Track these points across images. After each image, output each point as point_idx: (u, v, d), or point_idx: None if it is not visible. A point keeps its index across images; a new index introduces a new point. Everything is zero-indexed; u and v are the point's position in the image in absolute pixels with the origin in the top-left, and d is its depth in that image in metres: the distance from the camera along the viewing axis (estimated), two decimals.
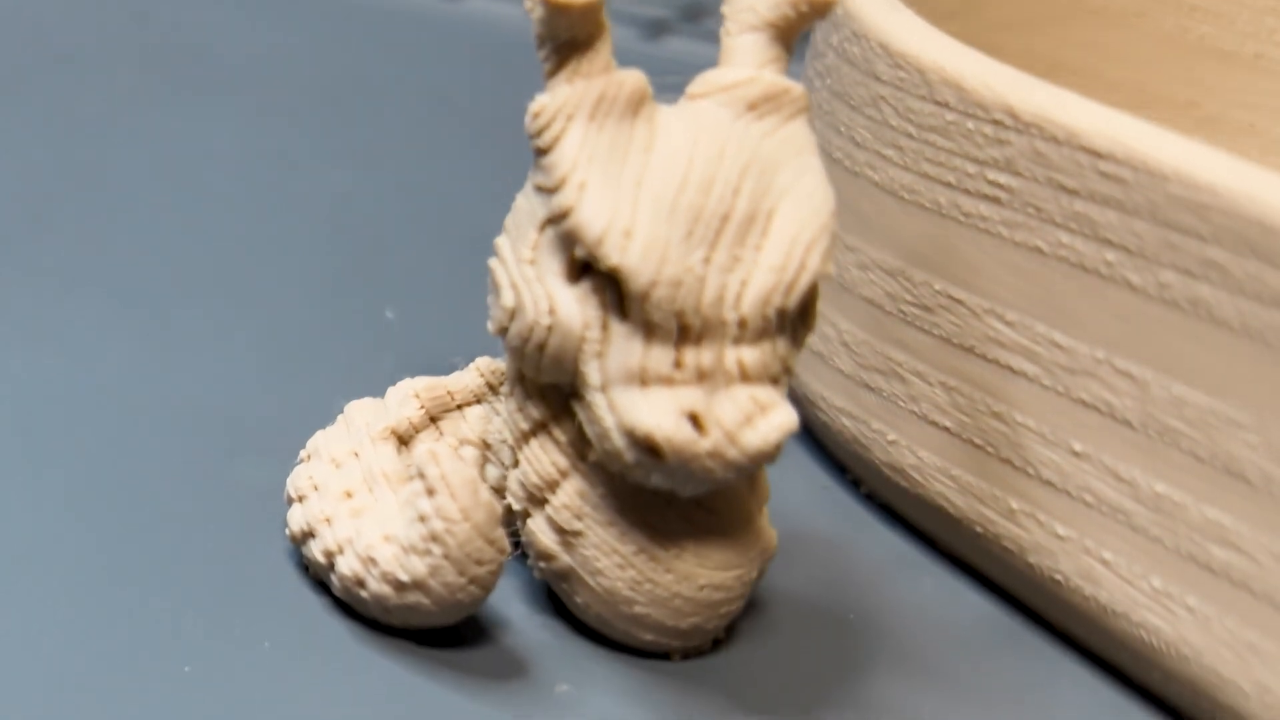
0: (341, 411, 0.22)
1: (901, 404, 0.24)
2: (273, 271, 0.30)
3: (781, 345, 0.19)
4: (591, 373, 0.19)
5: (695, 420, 0.18)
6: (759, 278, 0.19)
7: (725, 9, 0.21)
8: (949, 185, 0.23)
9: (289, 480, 0.22)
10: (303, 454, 0.22)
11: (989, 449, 0.23)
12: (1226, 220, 0.19)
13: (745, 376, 0.19)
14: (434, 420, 0.22)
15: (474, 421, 0.22)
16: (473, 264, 0.30)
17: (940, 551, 0.24)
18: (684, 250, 0.18)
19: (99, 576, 0.21)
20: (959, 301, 0.23)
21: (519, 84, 0.39)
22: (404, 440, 0.22)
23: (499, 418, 0.22)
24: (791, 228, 0.19)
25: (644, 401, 0.18)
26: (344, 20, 0.43)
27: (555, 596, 0.21)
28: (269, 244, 0.31)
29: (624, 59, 0.20)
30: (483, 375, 0.22)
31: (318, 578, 0.21)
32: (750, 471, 0.19)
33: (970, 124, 0.22)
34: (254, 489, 0.23)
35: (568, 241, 0.19)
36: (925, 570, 0.24)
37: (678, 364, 0.18)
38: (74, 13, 0.41)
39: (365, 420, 0.22)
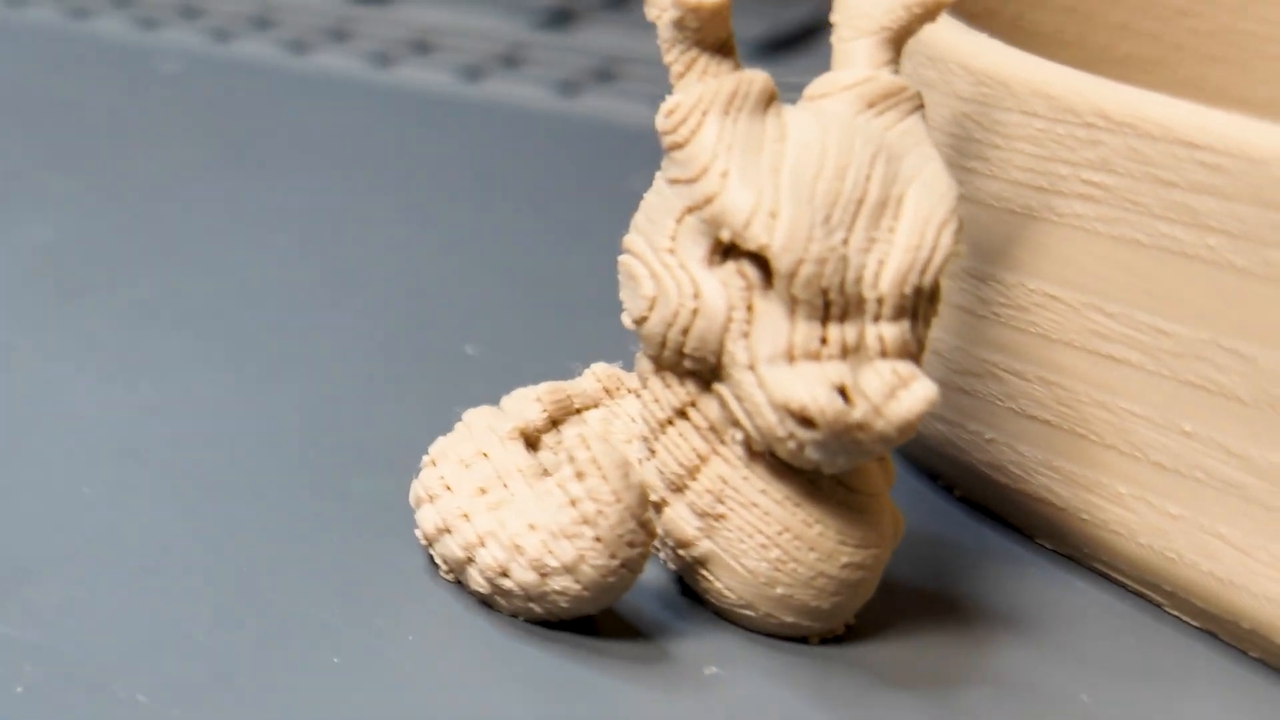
0: (459, 419, 0.22)
1: (999, 403, 0.24)
2: (353, 310, 0.30)
3: (918, 325, 0.19)
4: (739, 352, 0.19)
5: (843, 392, 0.18)
6: (896, 257, 0.19)
7: (836, 16, 0.21)
8: (1040, 189, 0.23)
9: (415, 484, 0.21)
10: (426, 459, 0.22)
11: (1093, 437, 0.23)
12: None
13: (885, 352, 0.19)
14: (555, 424, 0.22)
15: (594, 424, 0.22)
16: (537, 302, 0.30)
17: (1044, 547, 0.24)
18: (824, 232, 0.18)
19: (237, 582, 0.20)
20: (1055, 298, 0.23)
21: (533, 158, 0.40)
22: (530, 441, 0.22)
23: (618, 421, 0.22)
24: (923, 210, 0.19)
25: (794, 375, 0.18)
26: (368, 100, 0.43)
27: (688, 590, 0.21)
28: (347, 292, 0.31)
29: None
30: (600, 380, 0.22)
31: (453, 577, 0.21)
32: (896, 442, 0.19)
33: (1061, 129, 0.22)
34: (373, 502, 0.23)
35: (711, 227, 0.19)
36: (1030, 562, 0.23)
37: (823, 340, 0.18)
38: (126, 94, 0.41)
39: (487, 424, 0.22)
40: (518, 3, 0.53)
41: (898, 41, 0.20)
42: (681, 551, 0.20)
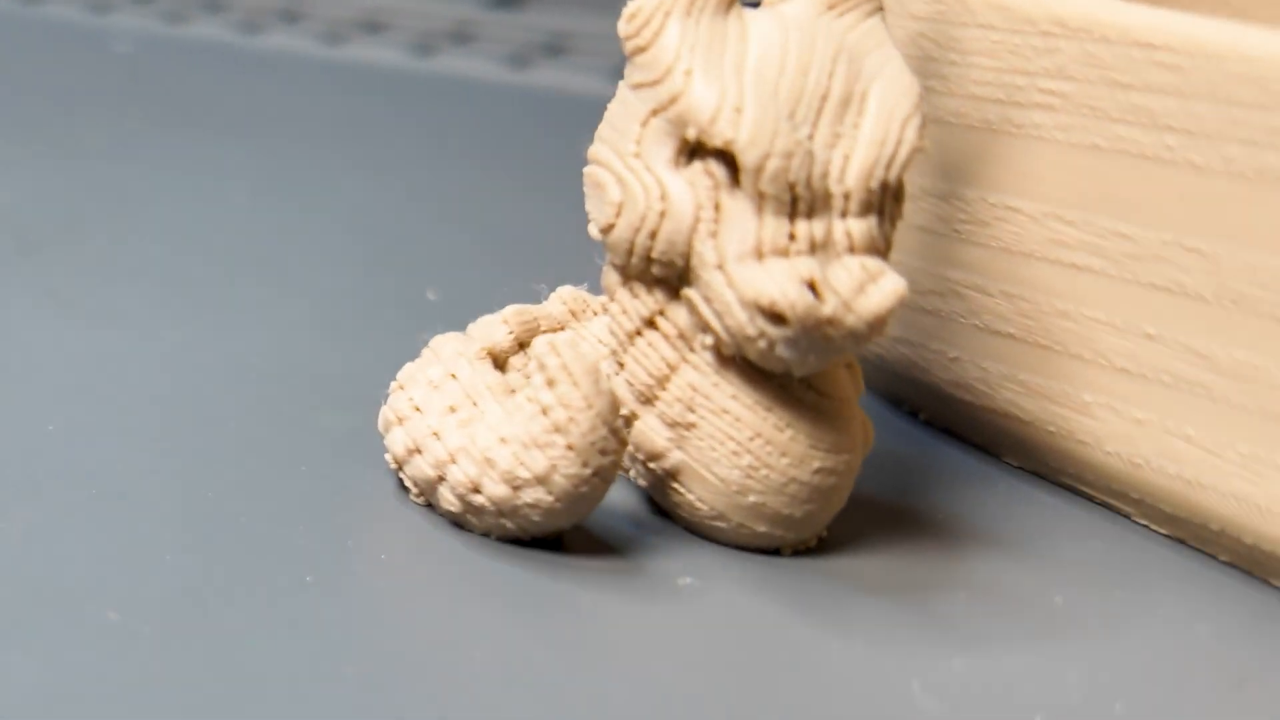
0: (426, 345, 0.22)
1: (962, 320, 0.24)
2: (312, 264, 0.29)
3: (883, 223, 0.19)
4: (707, 251, 0.19)
5: (813, 288, 0.18)
6: (862, 152, 0.19)
7: None
8: (998, 102, 0.23)
9: (384, 409, 0.21)
10: (394, 385, 0.21)
11: (1057, 348, 0.22)
12: None
13: (853, 248, 0.19)
14: (522, 346, 0.21)
15: None
16: (494, 250, 0.30)
17: (1010, 465, 0.24)
18: (790, 127, 0.18)
19: (207, 509, 0.20)
20: (1016, 210, 0.23)
21: (485, 128, 0.40)
22: (498, 362, 0.21)
23: (585, 343, 0.21)
24: (887, 106, 0.19)
25: (763, 272, 0.18)
26: (321, 77, 0.43)
27: (659, 509, 0.21)
28: (306, 247, 0.30)
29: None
30: (565, 303, 0.22)
31: (424, 500, 0.20)
32: (866, 339, 0.18)
33: (1018, 40, 0.22)
34: (341, 434, 0.22)
35: (676, 127, 0.19)
36: (998, 479, 0.23)
37: (791, 236, 0.18)
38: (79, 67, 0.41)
39: (454, 349, 0.21)
40: None
41: None
42: (652, 464, 0.20)
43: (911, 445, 0.24)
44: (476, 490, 0.19)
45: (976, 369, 0.23)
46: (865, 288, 0.18)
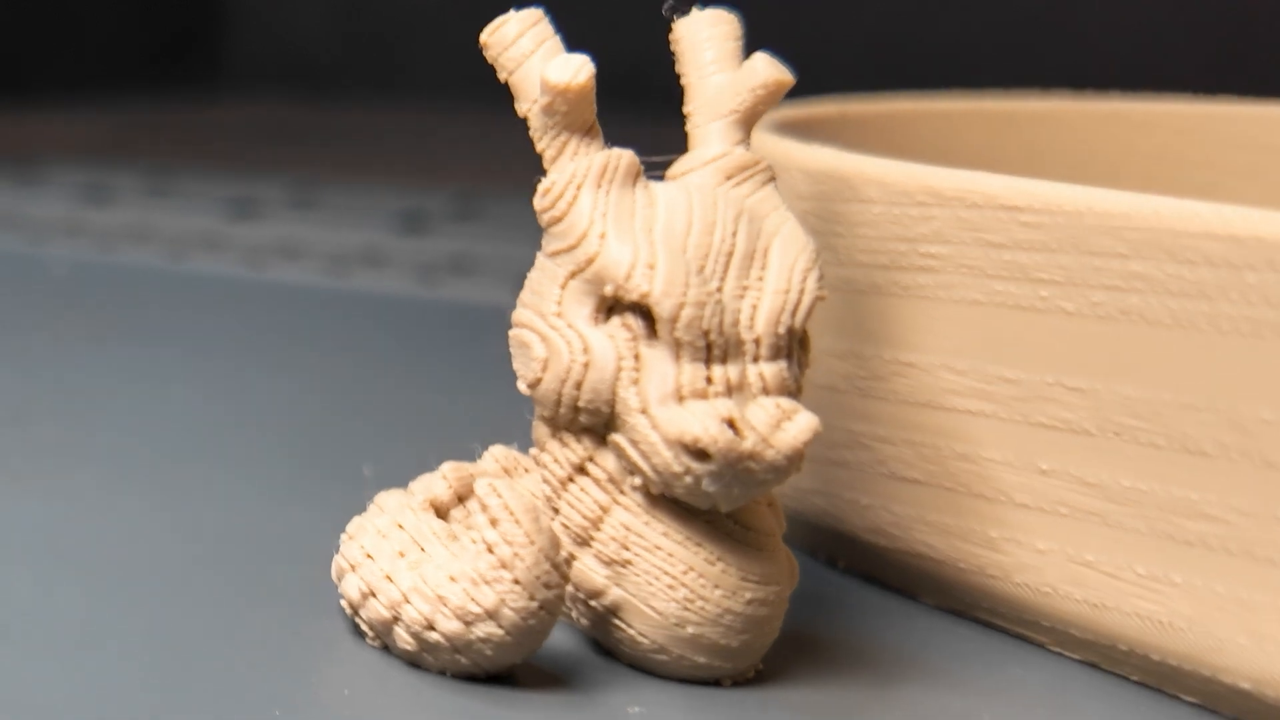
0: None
1: (870, 469, 0.24)
2: (253, 451, 0.30)
3: (792, 366, 0.20)
4: (631, 398, 0.19)
5: (732, 425, 0.19)
6: (768, 301, 0.20)
7: (689, 106, 0.22)
8: (884, 267, 0.24)
9: (336, 558, 0.21)
10: (344, 536, 0.22)
11: (960, 489, 0.23)
12: (1142, 235, 0.21)
13: (767, 389, 0.20)
14: (461, 499, 0.22)
15: None
16: (419, 435, 0.31)
17: (928, 604, 0.24)
18: (699, 280, 0.19)
19: (168, 660, 0.20)
20: (909, 364, 0.24)
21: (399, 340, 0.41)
22: (440, 513, 0.22)
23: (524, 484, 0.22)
24: (787, 260, 0.20)
25: (685, 412, 0.19)
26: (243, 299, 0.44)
27: (602, 650, 0.21)
28: (248, 433, 0.31)
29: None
30: (498, 461, 0.23)
31: (379, 642, 0.21)
32: (786, 472, 0.19)
33: (896, 210, 0.24)
34: (293, 585, 0.23)
35: (595, 285, 0.20)
36: (918, 616, 0.24)
37: (709, 380, 0.19)
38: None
39: (397, 502, 0.22)
40: (376, 209, 0.55)
41: (747, 122, 0.22)
42: (593, 602, 0.20)
43: (834, 588, 0.25)
44: (430, 627, 0.20)
45: (888, 514, 0.24)
46: (781, 424, 0.19)
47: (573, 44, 0.21)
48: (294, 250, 0.50)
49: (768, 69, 0.22)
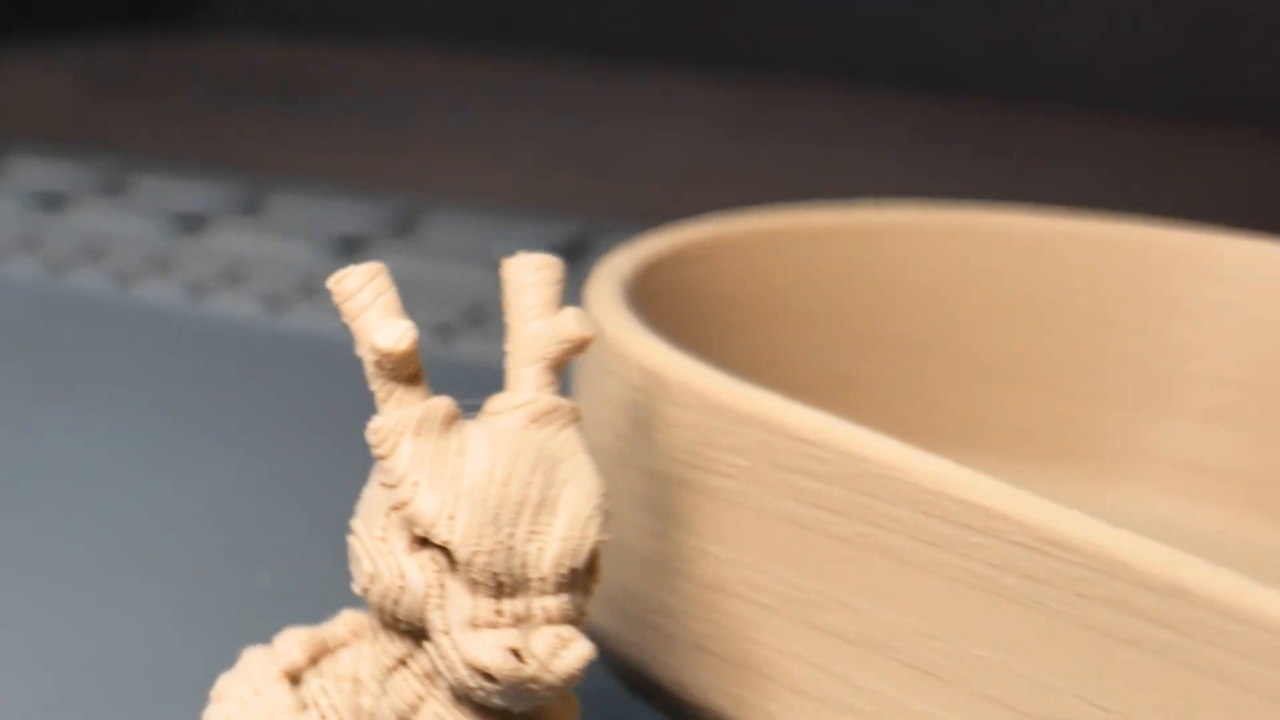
0: (240, 658, 0.26)
1: (676, 636, 0.27)
2: (147, 553, 0.32)
3: (576, 595, 0.23)
4: (437, 620, 0.23)
5: (517, 654, 0.22)
6: (552, 546, 0.23)
7: (508, 348, 0.25)
8: (693, 466, 0.27)
9: (205, 715, 0.25)
10: (212, 694, 0.25)
11: (748, 667, 0.26)
12: (898, 487, 0.24)
13: (551, 620, 0.23)
14: (314, 661, 0.26)
15: (346, 662, 0.26)
16: (322, 537, 0.33)
17: None
18: (495, 528, 0.23)
19: None
20: (711, 554, 0.27)
21: (338, 389, 0.43)
22: (294, 677, 0.26)
23: (365, 661, 0.25)
24: (574, 508, 0.23)
25: (478, 641, 0.23)
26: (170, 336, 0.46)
27: None
28: (135, 531, 0.33)
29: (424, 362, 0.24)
30: (348, 626, 0.26)
31: None
32: (562, 689, 0.23)
33: (704, 418, 0.26)
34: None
35: (408, 523, 0.23)
36: None
37: (499, 612, 0.23)
38: None
39: (260, 664, 0.25)
40: (313, 234, 0.57)
41: (556, 368, 0.25)
42: None
43: None
44: None
45: (689, 675, 0.27)
46: (559, 652, 0.23)
47: None
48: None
49: (576, 325, 0.24)
